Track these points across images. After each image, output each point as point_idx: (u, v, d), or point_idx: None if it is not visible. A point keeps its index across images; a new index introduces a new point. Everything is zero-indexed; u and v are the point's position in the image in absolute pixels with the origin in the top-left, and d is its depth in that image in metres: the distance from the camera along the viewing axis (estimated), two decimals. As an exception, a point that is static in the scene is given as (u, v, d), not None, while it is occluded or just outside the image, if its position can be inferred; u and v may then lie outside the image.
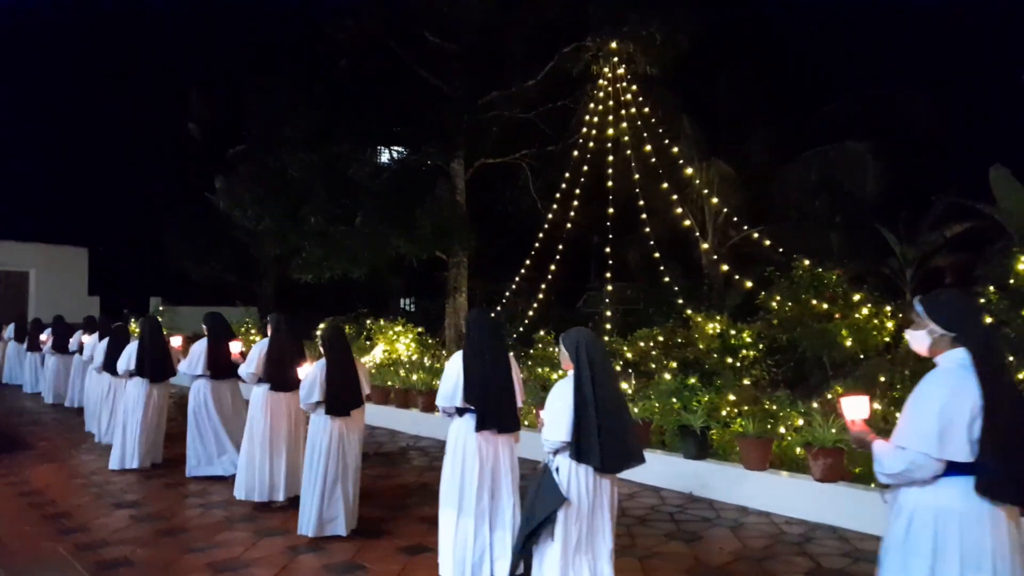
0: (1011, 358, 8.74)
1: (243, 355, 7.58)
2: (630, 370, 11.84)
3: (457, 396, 4.95)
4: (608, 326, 15.34)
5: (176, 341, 9.20)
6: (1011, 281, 9.49)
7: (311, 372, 5.97)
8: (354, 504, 6.00)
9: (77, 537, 5.92)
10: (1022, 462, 2.76)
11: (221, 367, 7.87)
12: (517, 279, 17.15)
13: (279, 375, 6.79)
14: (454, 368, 5.03)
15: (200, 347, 8.00)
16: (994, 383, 2.80)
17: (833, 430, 6.55)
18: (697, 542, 5.73)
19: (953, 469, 2.81)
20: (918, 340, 3.04)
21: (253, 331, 16.71)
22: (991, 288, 9.58)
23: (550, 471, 4.00)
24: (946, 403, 2.80)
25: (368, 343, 15.13)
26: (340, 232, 15.04)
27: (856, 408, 3.13)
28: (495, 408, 4.80)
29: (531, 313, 16.79)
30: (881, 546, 3.06)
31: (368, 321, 15.82)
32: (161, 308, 20.48)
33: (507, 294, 17.43)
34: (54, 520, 6.42)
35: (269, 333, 7.13)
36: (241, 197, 15.56)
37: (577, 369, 4.01)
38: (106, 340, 10.19)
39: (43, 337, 14.86)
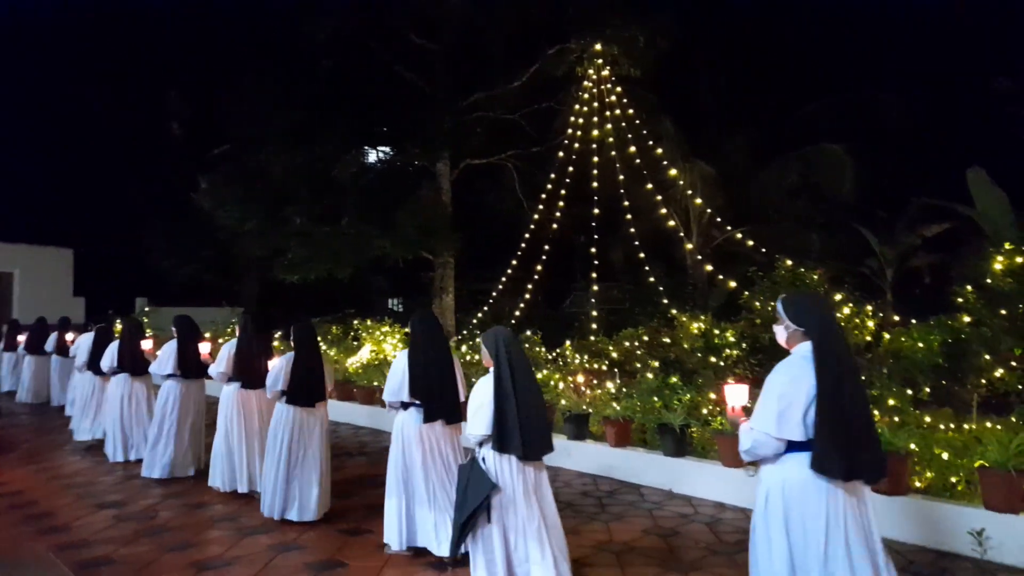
0: (987, 356, 8.94)
1: (211, 356, 7.82)
2: (615, 369, 11.93)
3: (403, 391, 5.34)
4: (594, 326, 15.43)
5: (147, 344, 9.29)
6: (987, 280, 9.64)
7: (278, 363, 6.39)
8: (321, 492, 6.23)
9: (60, 537, 5.93)
10: (848, 442, 3.13)
11: (190, 367, 7.98)
12: (503, 279, 17.20)
13: (247, 373, 7.08)
14: (400, 366, 5.42)
15: (170, 348, 8.09)
16: (829, 372, 3.16)
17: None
18: (673, 537, 5.81)
19: (795, 447, 3.21)
20: (778, 334, 3.49)
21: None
22: (968, 288, 9.74)
23: (477, 461, 4.34)
24: (785, 389, 3.21)
25: (355, 343, 15.12)
26: (324, 233, 15.04)
27: (737, 395, 3.56)
28: (439, 401, 5.19)
29: (517, 313, 16.86)
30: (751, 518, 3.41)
31: (355, 321, 15.80)
32: (147, 309, 20.35)
33: (493, 294, 17.48)
34: (36, 520, 6.41)
35: (237, 333, 7.37)
36: (224, 198, 15.52)
37: (497, 366, 4.33)
38: (90, 339, 10.32)
39: (20, 338, 14.92)
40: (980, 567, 5.16)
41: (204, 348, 7.96)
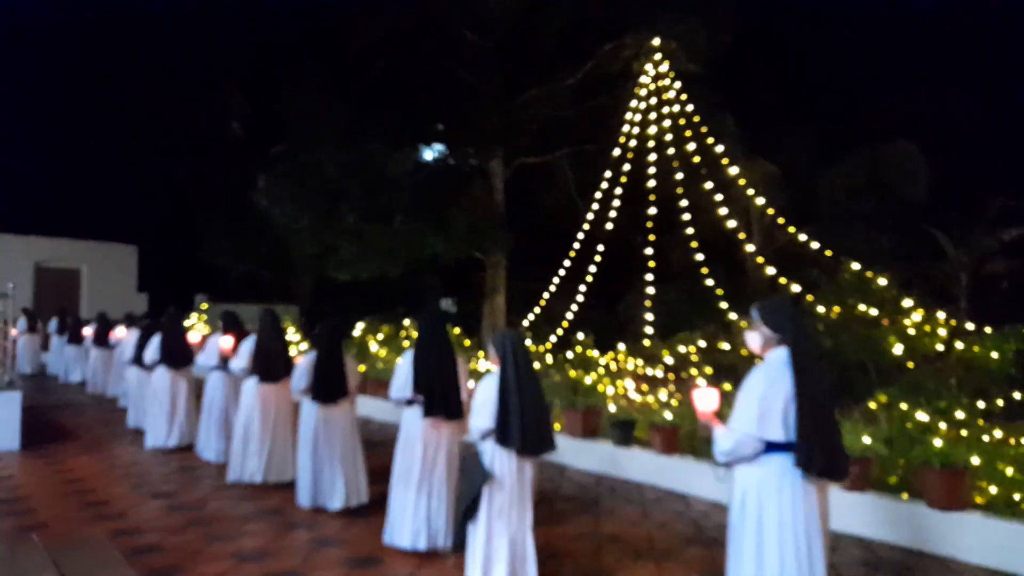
0: None
1: (233, 350, 8.09)
2: (670, 375, 11.69)
3: (408, 388, 5.62)
4: (648, 329, 15.14)
5: (195, 337, 9.87)
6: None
7: (302, 363, 6.70)
8: (353, 482, 6.56)
9: (115, 523, 6.13)
10: (826, 440, 3.36)
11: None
12: (556, 280, 17.05)
13: (265, 368, 7.33)
14: (405, 364, 5.71)
15: (214, 342, 8.47)
16: (807, 376, 3.37)
17: (865, 438, 6.35)
18: (717, 547, 5.60)
19: (773, 448, 3.38)
20: (752, 340, 3.66)
21: (292, 329, 16.92)
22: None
23: (478, 454, 4.57)
24: (766, 391, 3.40)
25: (406, 343, 15.20)
26: (375, 231, 15.20)
27: (707, 400, 3.70)
28: (441, 398, 5.35)
29: (570, 315, 16.66)
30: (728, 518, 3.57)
31: (406, 321, 15.90)
32: (204, 305, 20.95)
33: (546, 295, 17.34)
34: (94, 507, 6.65)
35: (258, 330, 7.61)
36: (279, 196, 15.86)
37: (503, 365, 4.54)
38: (137, 334, 10.85)
39: (87, 331, 15.63)
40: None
41: (226, 343, 8.15)
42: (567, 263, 16.63)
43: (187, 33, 23.39)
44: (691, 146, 15.47)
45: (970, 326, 11.11)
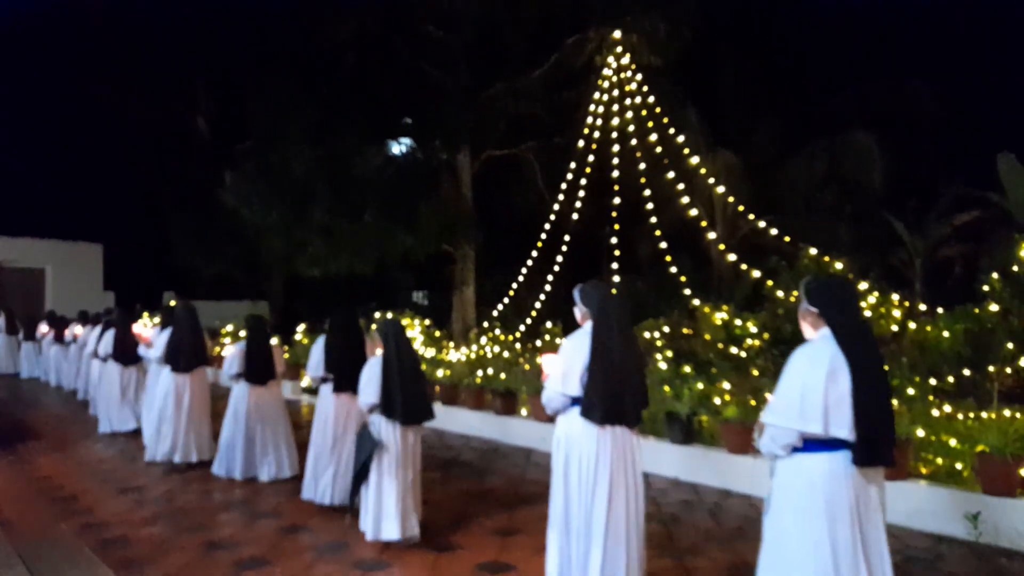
0: (1010, 345, 8.74)
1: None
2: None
3: (320, 368, 6.60)
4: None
5: (143, 331, 10.15)
6: (1015, 269, 9.43)
7: (232, 351, 7.57)
8: (282, 456, 7.43)
9: (84, 518, 6.18)
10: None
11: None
12: (524, 272, 17.22)
13: (176, 359, 8.06)
14: (318, 349, 6.72)
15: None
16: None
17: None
18: (674, 523, 5.84)
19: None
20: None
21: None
22: (995, 276, 9.54)
23: (367, 425, 5.42)
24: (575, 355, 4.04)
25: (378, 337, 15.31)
26: (345, 228, 15.24)
27: (551, 363, 4.20)
28: (349, 376, 5.95)
29: (538, 305, 16.86)
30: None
31: (377, 315, 16.00)
32: (172, 303, 20.73)
33: (514, 286, 17.51)
34: (62, 503, 6.69)
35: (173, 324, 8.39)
36: (248, 193, 15.80)
37: (386, 349, 5.35)
38: (98, 330, 11.44)
39: (43, 329, 16.41)
40: (975, 550, 5.12)
41: (146, 332, 9.05)
42: (535, 254, 16.79)
43: (152, 30, 23.06)
44: (653, 138, 15.69)
45: (923, 308, 11.49)
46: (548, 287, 16.83)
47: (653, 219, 16.00)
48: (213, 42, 20.80)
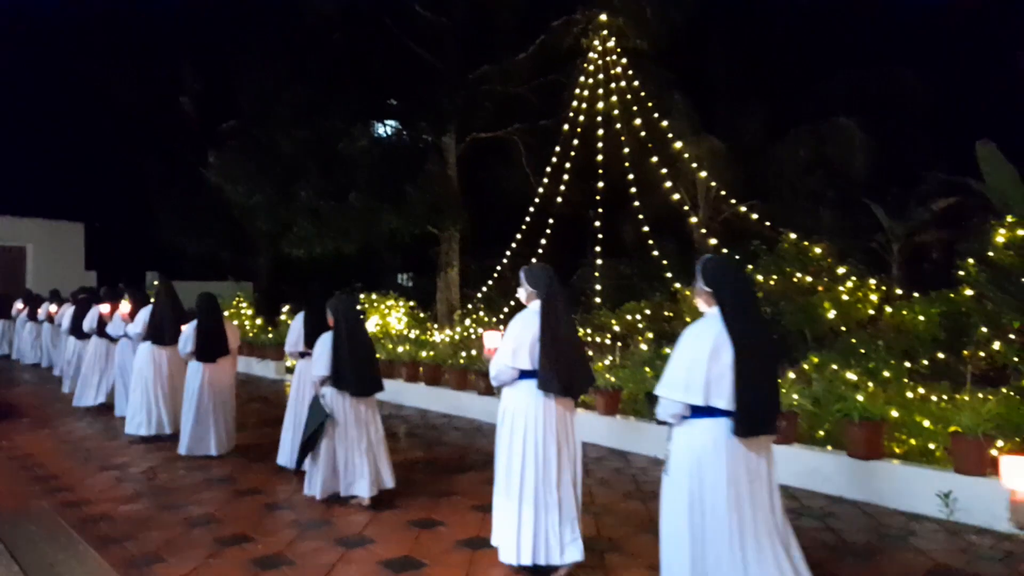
0: (983, 329, 8.90)
1: (131, 315, 9.24)
2: (617, 343, 12.02)
3: (300, 344, 6.92)
4: (598, 300, 15.48)
5: (105, 308, 10.43)
6: (990, 254, 9.56)
7: (186, 330, 7.75)
8: (229, 432, 7.75)
9: (64, 495, 6.18)
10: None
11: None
12: (509, 254, 17.25)
13: (159, 333, 8.46)
14: (297, 326, 7.04)
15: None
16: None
17: (795, 396, 6.72)
18: (652, 500, 5.92)
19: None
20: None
21: (244, 305, 16.87)
22: (971, 261, 9.68)
23: (318, 396, 5.88)
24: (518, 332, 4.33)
25: (362, 317, 15.33)
26: (331, 208, 15.17)
27: (493, 339, 4.51)
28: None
29: (523, 288, 16.88)
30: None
31: (362, 296, 16.00)
32: (156, 283, 20.57)
33: (499, 268, 17.55)
34: (43, 481, 6.68)
35: (152, 301, 8.90)
36: (233, 172, 15.66)
37: (336, 326, 5.80)
38: (73, 308, 11.85)
39: (18, 306, 16.63)
40: (946, 528, 5.25)
41: (124, 308, 9.36)
42: (520, 237, 16.83)
43: (137, 6, 22.68)
44: (638, 122, 15.72)
45: (900, 292, 11.65)
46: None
47: (637, 203, 16.07)
48: (199, 19, 20.51)
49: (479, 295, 16.97)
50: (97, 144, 24.16)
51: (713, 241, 15.82)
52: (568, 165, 16.32)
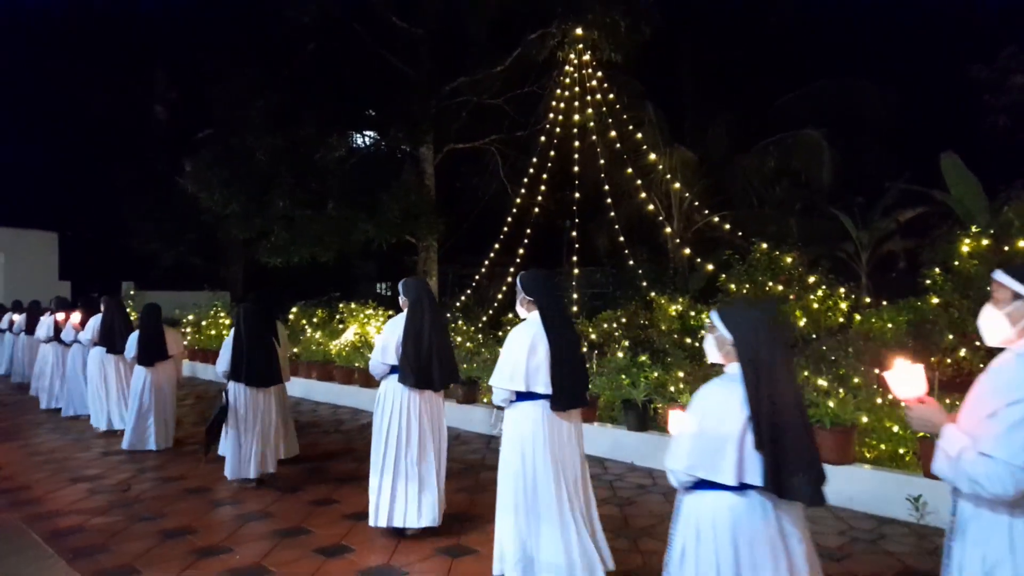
0: (950, 336, 9.13)
1: (81, 324, 10.27)
2: (593, 351, 12.11)
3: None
4: (575, 308, 15.58)
5: (60, 316, 11.33)
6: (955, 263, 9.81)
7: (131, 337, 8.62)
8: (168, 429, 8.51)
9: (34, 508, 6.08)
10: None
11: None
12: (487, 263, 17.32)
13: (111, 342, 9.32)
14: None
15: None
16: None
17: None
18: (629, 506, 6.00)
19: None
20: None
21: (222, 315, 16.71)
22: (936, 270, 9.92)
23: (224, 391, 6.79)
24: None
25: (340, 326, 15.25)
26: (307, 216, 15.11)
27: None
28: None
29: (500, 296, 16.97)
30: None
31: (340, 305, 15.93)
32: (132, 293, 20.35)
33: (476, 277, 17.60)
34: (10, 494, 6.56)
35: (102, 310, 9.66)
36: (208, 181, 15.52)
37: (236, 326, 6.83)
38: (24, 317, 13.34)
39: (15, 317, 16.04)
40: (916, 531, 5.37)
41: (74, 318, 10.49)
42: (497, 246, 16.91)
43: (109, 12, 22.41)
44: (613, 133, 15.91)
45: (868, 300, 11.89)
46: (510, 278, 16.97)
47: (612, 212, 16.24)
48: (173, 28, 20.35)
49: (457, 304, 16.99)
50: (71, 153, 23.81)
51: (687, 251, 16.04)
52: (544, 175, 16.46)
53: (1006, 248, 9.44)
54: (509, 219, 16.84)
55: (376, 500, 5.17)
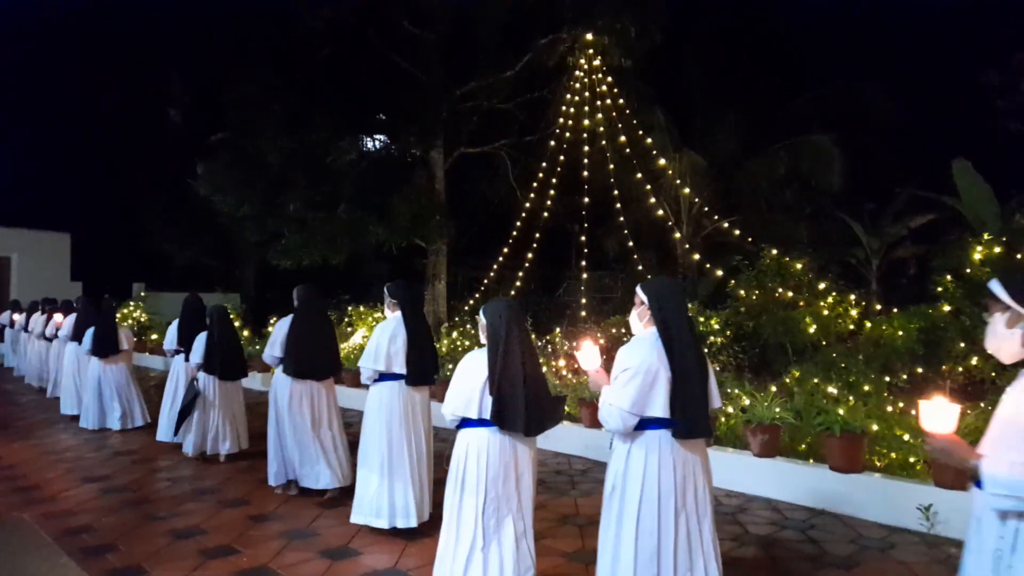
0: (961, 344, 9.08)
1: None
2: (603, 356, 12.10)
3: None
4: (583, 313, 15.57)
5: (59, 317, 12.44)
6: (967, 270, 9.75)
7: (88, 331, 9.81)
8: (130, 412, 9.72)
9: (45, 507, 6.13)
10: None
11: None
12: (496, 267, 17.34)
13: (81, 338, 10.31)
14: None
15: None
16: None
17: (776, 409, 6.82)
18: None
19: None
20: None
21: (232, 316, 16.77)
22: (948, 277, 9.86)
23: (195, 378, 7.85)
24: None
25: (349, 329, 15.29)
26: (319, 219, 15.18)
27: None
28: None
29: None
30: None
31: (349, 307, 15.98)
32: (143, 294, 20.50)
33: (486, 281, 17.62)
34: (23, 492, 6.62)
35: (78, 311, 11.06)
36: (221, 183, 15.63)
37: (209, 327, 7.82)
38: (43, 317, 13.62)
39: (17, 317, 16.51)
40: (927, 541, 5.33)
41: (58, 318, 12.22)
42: (506, 250, 16.93)
43: (124, 16, 22.63)
44: (623, 138, 15.91)
45: (879, 307, 11.83)
46: (519, 282, 16.98)
47: (621, 217, 16.23)
48: (187, 31, 20.51)
49: (467, 307, 17.02)
50: (84, 154, 24.01)
51: (696, 256, 15.99)
52: (554, 179, 16.47)
53: (1018, 256, 9.38)
54: (518, 223, 16.87)
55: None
